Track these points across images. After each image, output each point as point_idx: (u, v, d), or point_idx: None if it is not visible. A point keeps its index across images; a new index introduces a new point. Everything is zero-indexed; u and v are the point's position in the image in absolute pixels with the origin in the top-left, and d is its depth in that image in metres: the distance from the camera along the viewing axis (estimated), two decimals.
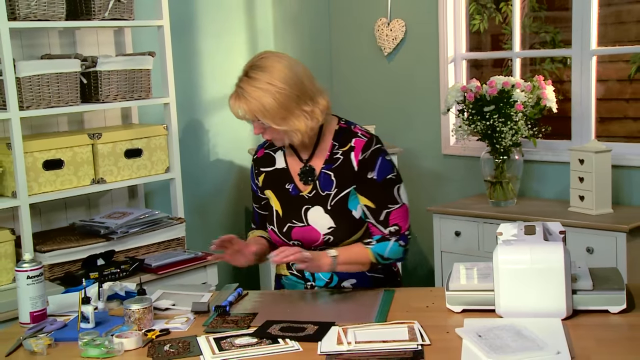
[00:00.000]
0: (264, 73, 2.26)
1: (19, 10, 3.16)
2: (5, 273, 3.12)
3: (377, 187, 2.37)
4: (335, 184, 2.38)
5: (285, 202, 2.44)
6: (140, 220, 3.47)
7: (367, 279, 2.45)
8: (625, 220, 3.54)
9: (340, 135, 2.42)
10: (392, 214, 2.37)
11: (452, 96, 4.03)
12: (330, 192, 2.39)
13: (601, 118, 4.55)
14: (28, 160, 3.20)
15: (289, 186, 2.45)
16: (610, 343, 1.89)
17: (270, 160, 2.51)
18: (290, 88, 2.27)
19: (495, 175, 4.02)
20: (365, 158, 2.36)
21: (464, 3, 4.50)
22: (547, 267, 2.00)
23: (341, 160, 2.39)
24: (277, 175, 2.48)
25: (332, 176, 2.39)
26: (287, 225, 2.43)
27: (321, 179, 2.40)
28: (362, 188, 2.38)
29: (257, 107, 2.24)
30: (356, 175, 2.37)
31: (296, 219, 2.41)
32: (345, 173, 2.38)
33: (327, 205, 2.39)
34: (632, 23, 5.03)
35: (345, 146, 2.39)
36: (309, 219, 2.40)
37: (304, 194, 2.42)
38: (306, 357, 1.91)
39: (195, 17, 4.23)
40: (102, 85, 3.42)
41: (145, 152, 3.59)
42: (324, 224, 2.38)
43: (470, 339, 1.89)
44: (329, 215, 2.38)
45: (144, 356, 1.98)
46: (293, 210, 2.42)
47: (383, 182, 2.37)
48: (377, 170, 2.36)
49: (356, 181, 2.37)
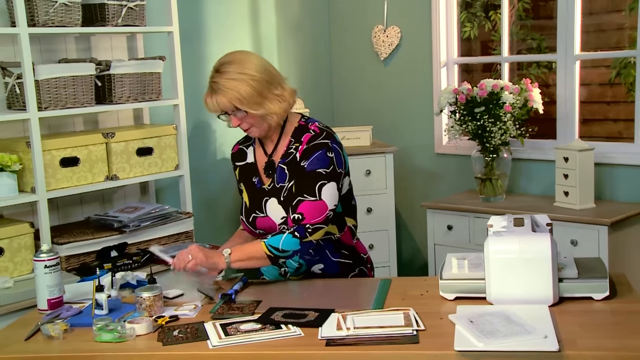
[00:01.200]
0: (234, 65, 2.32)
1: (38, 17, 3.16)
2: (25, 264, 3.11)
3: (302, 175, 2.36)
4: (288, 177, 2.41)
5: (252, 194, 2.49)
6: (151, 215, 3.46)
7: (334, 263, 2.47)
8: (607, 215, 3.53)
9: (297, 132, 2.45)
10: (303, 203, 2.32)
11: (445, 98, 4.02)
12: (284, 184, 2.41)
13: (584, 119, 4.54)
14: (46, 158, 3.19)
15: (255, 179, 2.50)
16: (594, 328, 1.88)
17: (242, 155, 2.56)
18: (261, 74, 2.33)
19: (485, 173, 4.01)
20: (307, 148, 2.38)
21: (456, 11, 4.49)
22: (535, 256, 1.99)
23: (293, 155, 2.42)
24: (247, 169, 2.53)
25: (286, 169, 2.42)
26: (252, 215, 2.48)
27: (278, 173, 2.44)
28: (294, 174, 2.39)
29: (235, 95, 2.29)
30: (298, 164, 2.39)
31: (258, 209, 2.46)
32: (295, 166, 2.40)
33: (280, 196, 2.41)
34: (611, 31, 5.03)
35: (298, 142, 2.42)
36: (267, 209, 2.44)
37: (265, 186, 2.47)
38: (307, 341, 1.90)
39: (203, 23, 4.22)
40: (115, 87, 3.41)
41: (155, 151, 3.57)
42: (278, 214, 2.41)
43: (462, 324, 1.88)
44: (281, 206, 2.41)
45: (154, 341, 1.97)
46: (257, 202, 2.47)
47: (310, 172, 2.35)
48: (310, 160, 2.36)
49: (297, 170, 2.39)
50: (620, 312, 1.97)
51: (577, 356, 1.72)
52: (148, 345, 1.95)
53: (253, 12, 4.48)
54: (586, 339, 1.80)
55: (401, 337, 1.87)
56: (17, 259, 3.10)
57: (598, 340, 1.80)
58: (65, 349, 1.96)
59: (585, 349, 1.74)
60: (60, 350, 1.96)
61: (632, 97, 4.14)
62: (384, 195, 4.22)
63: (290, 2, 4.69)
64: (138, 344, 1.96)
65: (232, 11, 4.35)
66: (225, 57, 2.39)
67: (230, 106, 2.32)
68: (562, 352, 1.72)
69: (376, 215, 4.24)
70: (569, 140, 3.98)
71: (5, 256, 3.06)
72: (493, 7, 5.09)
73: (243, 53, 2.43)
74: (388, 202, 4.27)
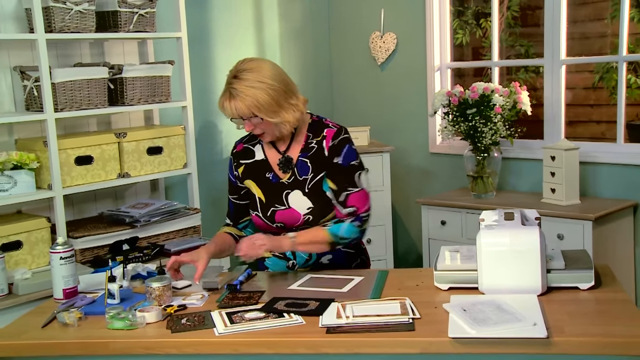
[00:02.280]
0: (253, 73, 2.27)
1: (54, 24, 3.15)
2: (42, 256, 3.10)
3: (341, 171, 2.38)
4: (311, 169, 2.40)
5: (267, 189, 2.44)
6: (160, 210, 3.45)
7: (341, 254, 2.46)
8: (591, 210, 3.52)
9: (313, 127, 2.44)
10: (350, 196, 2.36)
11: (438, 100, 4.00)
12: (307, 176, 2.40)
13: (569, 121, 4.53)
14: (62, 156, 3.19)
15: (269, 175, 2.45)
16: (580, 315, 1.87)
17: (249, 154, 2.51)
18: (278, 84, 2.29)
19: (476, 171, 3.99)
20: (334, 144, 2.39)
21: (449, 19, 4.48)
22: (525, 249, 1.98)
23: (315, 149, 2.41)
24: (257, 166, 2.48)
25: (309, 162, 2.40)
26: (270, 209, 2.43)
27: (299, 166, 2.41)
28: (329, 171, 2.39)
29: (253, 103, 2.25)
30: (326, 160, 2.39)
31: (278, 202, 2.42)
32: (319, 159, 2.40)
33: (305, 188, 2.39)
34: (594, 38, 5.03)
35: (318, 136, 2.42)
36: (290, 202, 2.41)
37: (284, 180, 2.43)
38: (309, 329, 1.89)
39: (210, 29, 4.20)
40: (127, 90, 3.40)
41: (165, 150, 3.56)
42: (303, 205, 2.39)
43: (456, 313, 1.86)
44: (307, 197, 2.39)
45: (163, 328, 1.96)
46: (275, 196, 2.43)
47: (347, 167, 2.38)
48: (342, 155, 2.38)
49: (326, 165, 2.39)
50: (604, 301, 1.96)
51: (565, 342, 1.71)
52: (157, 332, 1.94)
53: (257, 19, 4.46)
54: (573, 326, 1.79)
55: (398, 324, 1.86)
56: (35, 252, 3.09)
57: (584, 327, 1.79)
58: (80, 336, 1.95)
59: (572, 335, 1.74)
60: (75, 336, 1.95)
61: (614, 100, 4.14)
62: (380, 192, 4.21)
63: (293, 9, 4.68)
64: (148, 331, 1.95)
65: (237, 18, 4.34)
66: (244, 63, 2.31)
67: (247, 112, 2.27)
68: (550, 339, 1.71)
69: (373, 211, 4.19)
70: (555, 140, 3.97)
71: (24, 249, 3.05)
72: (484, 15, 5.08)
73: (261, 61, 2.34)
74: (385, 198, 4.26)
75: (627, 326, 1.77)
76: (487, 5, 4.82)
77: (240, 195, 2.53)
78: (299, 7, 4.73)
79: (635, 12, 4.49)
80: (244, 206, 2.53)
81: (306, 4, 4.77)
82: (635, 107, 4.91)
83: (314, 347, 1.83)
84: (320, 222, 2.39)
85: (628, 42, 3.80)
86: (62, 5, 3.16)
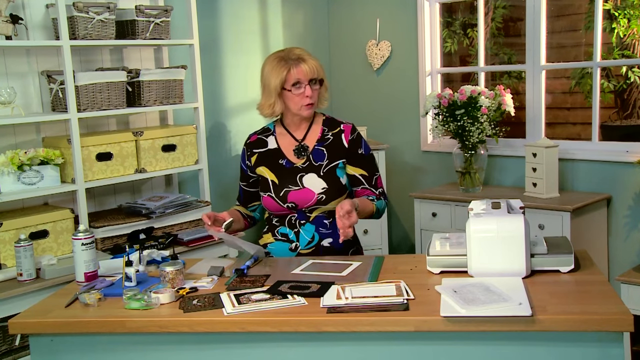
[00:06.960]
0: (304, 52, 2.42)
1: (78, 32, 3.14)
2: (66, 244, 3.08)
3: (366, 159, 2.51)
4: (327, 157, 2.45)
5: (280, 173, 2.46)
6: (174, 203, 3.43)
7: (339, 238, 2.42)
8: (569, 202, 3.50)
9: (327, 123, 2.52)
10: (378, 179, 2.53)
11: (430, 102, 3.98)
12: (323, 162, 2.45)
13: (548, 123, 4.50)
14: (84, 153, 3.16)
15: (282, 161, 2.47)
16: (561, 296, 1.84)
17: (262, 143, 2.53)
18: None
19: (464, 167, 3.97)
20: (353, 138, 2.49)
21: (439, 29, 4.46)
22: (510, 235, 1.95)
23: (332, 140, 2.48)
24: (270, 154, 2.50)
25: (325, 151, 2.46)
26: (283, 190, 2.43)
27: (314, 153, 2.46)
28: (354, 161, 2.48)
29: (320, 65, 2.42)
30: (347, 151, 2.47)
31: (292, 184, 2.43)
32: (337, 149, 2.46)
33: (320, 172, 2.43)
34: (570, 47, 5.01)
35: (334, 130, 2.49)
36: (305, 182, 2.43)
37: (298, 165, 2.46)
38: (311, 309, 1.86)
39: (219, 37, 4.18)
40: (143, 92, 3.38)
41: (178, 147, 3.54)
42: (318, 185, 2.42)
43: (447, 294, 1.83)
44: (322, 179, 2.42)
45: (176, 309, 1.93)
46: (289, 178, 2.44)
47: (368, 155, 2.52)
48: (363, 147, 2.51)
49: (347, 156, 2.47)
50: (583, 283, 1.94)
51: (547, 320, 1.69)
52: (171, 312, 1.92)
53: (263, 28, 4.43)
54: (554, 305, 1.76)
55: (393, 305, 1.83)
56: (60, 240, 3.06)
57: (564, 306, 1.76)
58: (99, 315, 1.93)
59: (554, 313, 1.71)
60: (95, 315, 1.93)
61: (589, 103, 4.11)
62: None
63: (295, 19, 4.66)
64: (162, 311, 1.92)
65: (245, 27, 4.31)
66: (292, 47, 2.44)
67: (320, 72, 2.40)
68: (534, 317, 1.69)
69: None
70: (536, 139, 3.94)
71: (50, 238, 3.03)
72: (470, 25, 5.05)
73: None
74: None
75: (604, 305, 1.75)
76: (473, 16, 4.80)
77: (249, 183, 2.56)
78: (301, 17, 4.70)
79: (607, 23, 4.47)
80: (253, 193, 2.56)
81: (308, 14, 4.74)
82: (608, 109, 4.89)
83: (315, 326, 1.80)
84: (328, 203, 2.40)
85: (601, 50, 3.77)
86: (85, 15, 3.14)
